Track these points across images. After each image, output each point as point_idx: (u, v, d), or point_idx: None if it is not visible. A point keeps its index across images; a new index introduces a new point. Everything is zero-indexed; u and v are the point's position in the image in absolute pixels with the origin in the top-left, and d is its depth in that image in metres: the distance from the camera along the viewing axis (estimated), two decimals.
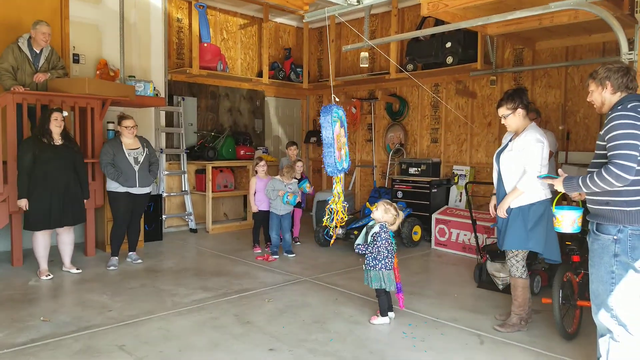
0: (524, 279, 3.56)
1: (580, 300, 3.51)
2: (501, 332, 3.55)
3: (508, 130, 3.63)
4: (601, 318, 2.58)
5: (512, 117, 3.52)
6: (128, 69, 6.54)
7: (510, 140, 3.61)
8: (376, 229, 3.75)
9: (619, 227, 2.47)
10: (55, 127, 4.73)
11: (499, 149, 3.70)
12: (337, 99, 3.76)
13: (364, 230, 3.90)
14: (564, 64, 6.06)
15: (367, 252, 3.75)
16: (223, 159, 7.45)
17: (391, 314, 3.82)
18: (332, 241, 4.32)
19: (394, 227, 3.80)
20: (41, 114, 4.85)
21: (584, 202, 2.85)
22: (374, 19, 8.10)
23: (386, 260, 3.71)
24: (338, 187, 3.74)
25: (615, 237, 2.48)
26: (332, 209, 3.64)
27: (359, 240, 3.87)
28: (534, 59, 6.41)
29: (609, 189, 2.45)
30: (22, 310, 3.88)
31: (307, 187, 5.95)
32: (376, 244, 3.71)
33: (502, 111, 3.55)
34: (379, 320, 3.74)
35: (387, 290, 3.75)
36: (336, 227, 3.70)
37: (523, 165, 3.44)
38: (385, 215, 3.77)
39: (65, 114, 4.87)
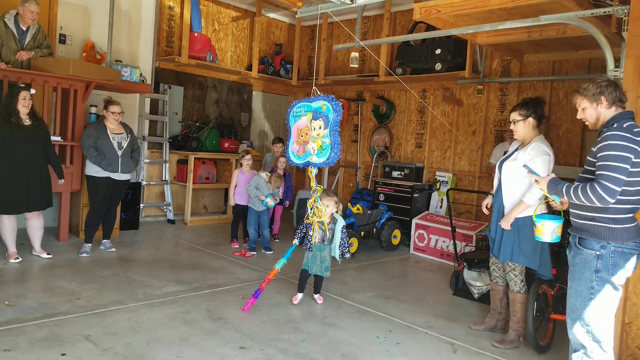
0: (522, 294, 3.49)
1: (554, 314, 3.52)
2: (499, 348, 3.46)
3: (514, 136, 3.57)
4: (576, 333, 2.57)
5: (522, 125, 3.47)
6: (115, 53, 6.41)
7: (516, 150, 3.55)
8: (343, 222, 4.16)
9: (602, 243, 2.46)
10: (23, 106, 4.50)
11: (503, 157, 3.64)
12: (318, 92, 3.77)
13: (329, 235, 4.13)
14: (550, 77, 6.12)
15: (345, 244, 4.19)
16: (206, 151, 7.36)
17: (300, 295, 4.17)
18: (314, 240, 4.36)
19: (340, 207, 4.25)
20: (7, 91, 4.58)
21: (565, 212, 2.85)
22: (366, 21, 8.08)
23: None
24: (312, 184, 3.83)
25: (597, 253, 2.47)
26: (315, 224, 3.86)
27: (316, 240, 4.07)
28: (521, 71, 6.45)
29: (589, 205, 2.45)
30: None
31: (269, 202, 5.58)
32: (345, 232, 4.17)
33: (514, 116, 3.50)
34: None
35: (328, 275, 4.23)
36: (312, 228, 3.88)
37: (527, 177, 3.40)
38: (332, 202, 4.07)
39: (33, 91, 4.63)
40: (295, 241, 4.19)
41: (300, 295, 4.16)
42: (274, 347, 3.22)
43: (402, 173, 7.13)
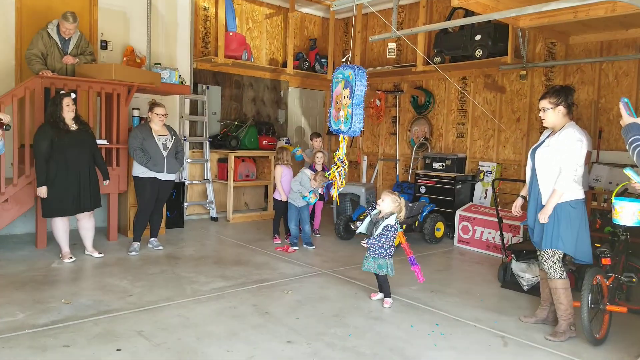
0: (564, 279, 3.41)
1: (610, 305, 3.37)
2: (553, 341, 3.36)
3: (544, 124, 3.51)
4: None
5: (551, 112, 3.42)
6: (154, 56, 6.56)
7: (547, 137, 3.50)
8: (390, 221, 3.87)
9: None
10: (68, 112, 4.67)
11: (535, 145, 3.59)
12: (349, 59, 3.81)
13: (368, 219, 4.01)
14: (599, 59, 5.84)
15: (377, 243, 3.86)
16: (245, 149, 7.44)
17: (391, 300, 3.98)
18: (334, 196, 4.27)
19: (403, 216, 3.97)
20: (51, 100, 4.76)
21: None
22: (402, 10, 7.94)
23: (389, 250, 3.90)
24: (340, 151, 3.81)
25: None
26: (334, 173, 3.78)
27: (362, 229, 4.02)
28: (566, 54, 6.19)
29: None
30: (44, 291, 3.93)
31: (312, 198, 5.60)
32: (388, 234, 3.84)
33: (544, 104, 3.44)
34: (390, 301, 3.95)
35: (391, 275, 3.93)
36: (333, 185, 3.85)
37: (559, 163, 3.32)
38: (393, 205, 3.90)
39: (73, 95, 4.79)
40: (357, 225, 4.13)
41: (378, 295, 4.08)
42: (321, 341, 3.22)
43: (444, 164, 6.99)
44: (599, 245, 3.77)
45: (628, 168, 2.76)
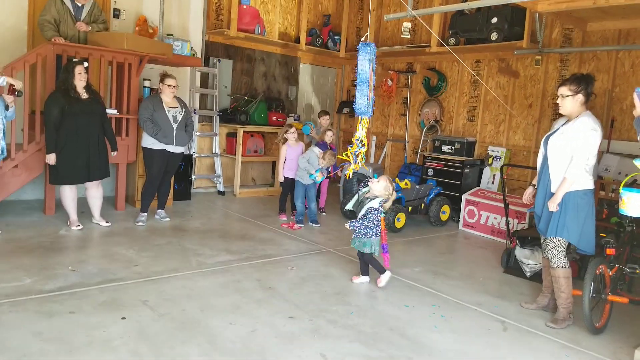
0: (567, 269, 3.43)
1: (611, 295, 3.39)
2: (554, 328, 3.39)
3: (560, 111, 3.46)
4: None
5: (570, 100, 3.37)
6: (167, 26, 6.51)
7: (562, 125, 3.46)
8: (374, 204, 3.85)
9: None
10: (80, 80, 4.66)
11: (549, 132, 3.55)
12: (367, 38, 3.67)
13: (357, 197, 4.00)
14: (616, 47, 5.72)
15: (360, 225, 3.86)
16: (255, 124, 7.43)
17: (366, 278, 4.00)
18: (347, 175, 4.22)
19: (388, 205, 3.95)
20: (63, 67, 4.75)
21: None
22: None
23: (376, 229, 3.88)
24: (360, 132, 3.68)
25: None
26: (350, 152, 3.71)
27: (350, 205, 4.03)
28: (583, 41, 6.07)
29: None
30: (51, 258, 4.00)
31: (318, 177, 5.58)
32: (370, 217, 3.83)
33: (563, 90, 3.39)
34: (385, 278, 3.93)
35: (375, 254, 3.94)
36: (345, 167, 3.78)
37: (572, 151, 3.29)
38: (384, 191, 3.87)
39: (86, 64, 4.78)
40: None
41: (360, 277, 4.03)
42: (323, 318, 3.27)
43: (453, 147, 6.95)
44: (604, 235, 3.77)
45: (638, 159, 2.74)
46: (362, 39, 3.70)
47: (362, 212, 3.85)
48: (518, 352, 3.02)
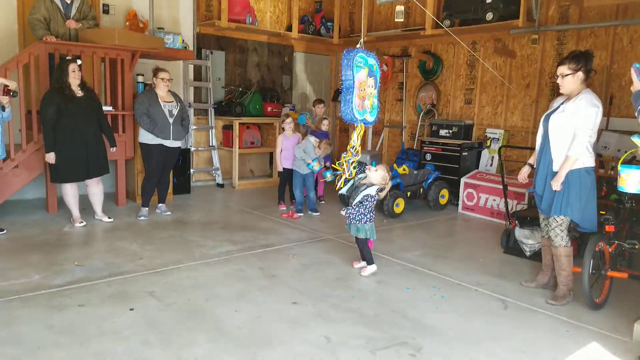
0: (568, 248, 3.47)
1: (611, 271, 3.43)
2: (554, 305, 3.44)
3: (561, 90, 3.46)
4: None
5: (570, 79, 3.36)
6: (157, 20, 6.49)
7: (562, 103, 3.46)
8: (371, 191, 3.83)
9: None
10: (74, 79, 4.67)
11: (548, 111, 3.55)
12: (362, 44, 3.67)
13: (352, 182, 3.96)
14: (614, 23, 5.69)
15: (356, 212, 3.83)
16: (250, 116, 7.43)
17: (373, 266, 3.96)
18: (337, 187, 4.21)
19: (383, 194, 3.91)
20: (57, 66, 4.76)
21: None
22: None
23: (370, 215, 3.86)
24: (354, 139, 3.73)
25: None
26: (343, 161, 3.73)
27: (344, 190, 3.99)
28: (580, 17, 6.04)
29: None
30: (58, 254, 4.04)
31: (316, 166, 5.48)
32: (366, 204, 3.82)
33: (563, 69, 3.38)
34: (370, 269, 3.90)
35: (372, 239, 3.93)
36: (339, 176, 3.84)
37: (574, 128, 3.30)
38: (382, 180, 3.85)
39: (79, 62, 4.78)
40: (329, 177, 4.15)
41: (361, 262, 4.06)
42: (325, 303, 3.31)
43: (451, 131, 6.96)
44: (603, 212, 3.80)
45: (636, 135, 2.75)
46: (358, 45, 3.68)
47: (359, 198, 3.83)
48: (519, 329, 3.07)
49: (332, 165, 4.07)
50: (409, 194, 6.07)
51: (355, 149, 3.80)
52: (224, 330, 2.86)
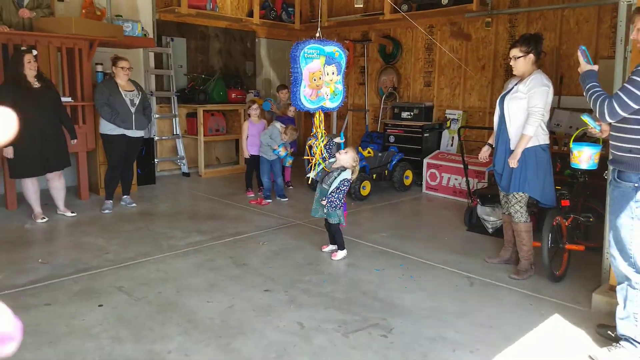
0: (528, 223, 3.61)
1: (569, 244, 3.61)
2: (517, 279, 3.57)
3: (514, 72, 3.59)
4: (620, 266, 2.56)
5: (522, 61, 3.50)
6: (114, 7, 6.28)
7: (515, 85, 3.59)
8: (347, 175, 3.84)
9: None
10: (30, 70, 4.50)
11: (503, 92, 3.68)
12: (318, 36, 3.74)
13: (321, 166, 3.94)
14: (561, 5, 5.92)
15: (335, 199, 3.83)
16: (214, 103, 7.34)
17: (343, 252, 4.00)
18: (310, 178, 4.25)
19: (354, 176, 3.93)
20: (11, 57, 4.58)
21: (604, 140, 2.88)
22: None
23: (341, 201, 3.88)
24: (316, 125, 3.80)
25: (636, 185, 2.45)
26: (318, 147, 3.76)
27: (313, 174, 3.97)
28: (530, 1, 6.24)
29: (628, 137, 2.45)
30: (20, 252, 3.94)
31: (282, 151, 5.57)
32: (344, 189, 3.84)
33: (515, 52, 3.51)
34: (341, 254, 3.96)
35: (343, 224, 3.98)
36: (312, 167, 3.86)
37: (527, 108, 3.44)
38: (352, 162, 3.87)
39: (35, 52, 4.60)
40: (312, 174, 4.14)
41: (329, 246, 4.12)
42: (297, 289, 3.37)
43: (412, 113, 7.08)
44: (559, 187, 3.98)
45: (585, 114, 2.88)
46: (317, 35, 3.73)
47: (336, 184, 3.81)
48: (485, 305, 3.20)
49: (305, 157, 4.06)
50: (374, 176, 6.17)
51: (319, 134, 3.85)
52: (196, 322, 2.87)
